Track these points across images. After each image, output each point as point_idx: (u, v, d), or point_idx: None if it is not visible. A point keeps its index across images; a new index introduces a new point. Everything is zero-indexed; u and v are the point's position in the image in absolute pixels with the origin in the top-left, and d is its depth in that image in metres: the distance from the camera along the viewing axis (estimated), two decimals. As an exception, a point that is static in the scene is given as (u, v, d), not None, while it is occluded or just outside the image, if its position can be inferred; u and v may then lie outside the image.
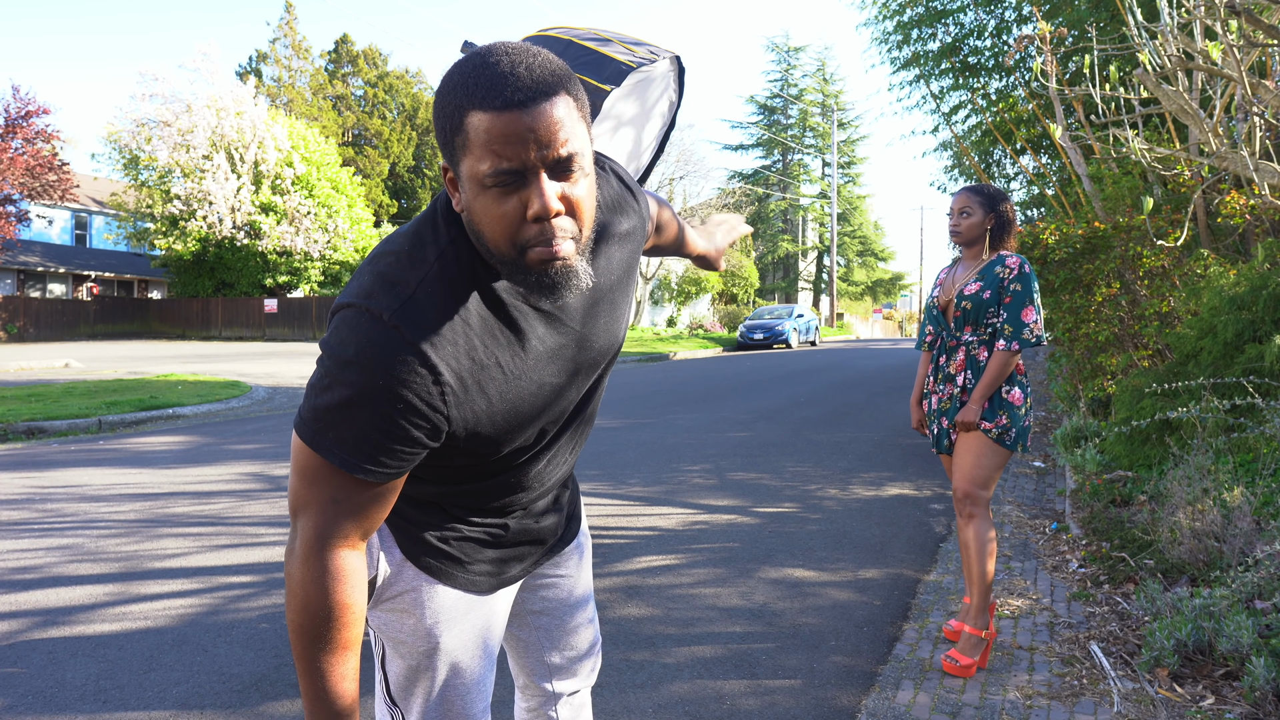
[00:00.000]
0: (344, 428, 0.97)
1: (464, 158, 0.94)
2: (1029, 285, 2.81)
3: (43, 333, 30.06)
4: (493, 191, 0.94)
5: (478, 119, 0.91)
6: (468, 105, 0.92)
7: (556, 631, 1.44)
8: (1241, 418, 4.01)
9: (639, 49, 2.16)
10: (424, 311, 0.97)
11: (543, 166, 0.93)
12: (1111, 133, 5.06)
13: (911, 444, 7.23)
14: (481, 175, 0.93)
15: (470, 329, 1.00)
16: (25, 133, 25.37)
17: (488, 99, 0.91)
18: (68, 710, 2.54)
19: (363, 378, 0.95)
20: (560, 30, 2.26)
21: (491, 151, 0.91)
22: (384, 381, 0.95)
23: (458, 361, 0.99)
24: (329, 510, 1.00)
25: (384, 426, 0.97)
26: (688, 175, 36.22)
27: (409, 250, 1.02)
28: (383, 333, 0.96)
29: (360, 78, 47.99)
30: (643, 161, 2.42)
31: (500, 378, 1.03)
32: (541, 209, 0.93)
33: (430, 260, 1.01)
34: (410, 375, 0.95)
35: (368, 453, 0.98)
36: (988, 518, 2.88)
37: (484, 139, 0.91)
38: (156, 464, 6.38)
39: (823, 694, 2.68)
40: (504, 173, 0.92)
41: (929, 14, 11.57)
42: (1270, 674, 2.35)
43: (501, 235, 0.95)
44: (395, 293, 0.98)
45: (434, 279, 1.00)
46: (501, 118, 0.90)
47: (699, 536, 4.49)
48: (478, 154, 0.92)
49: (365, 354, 0.95)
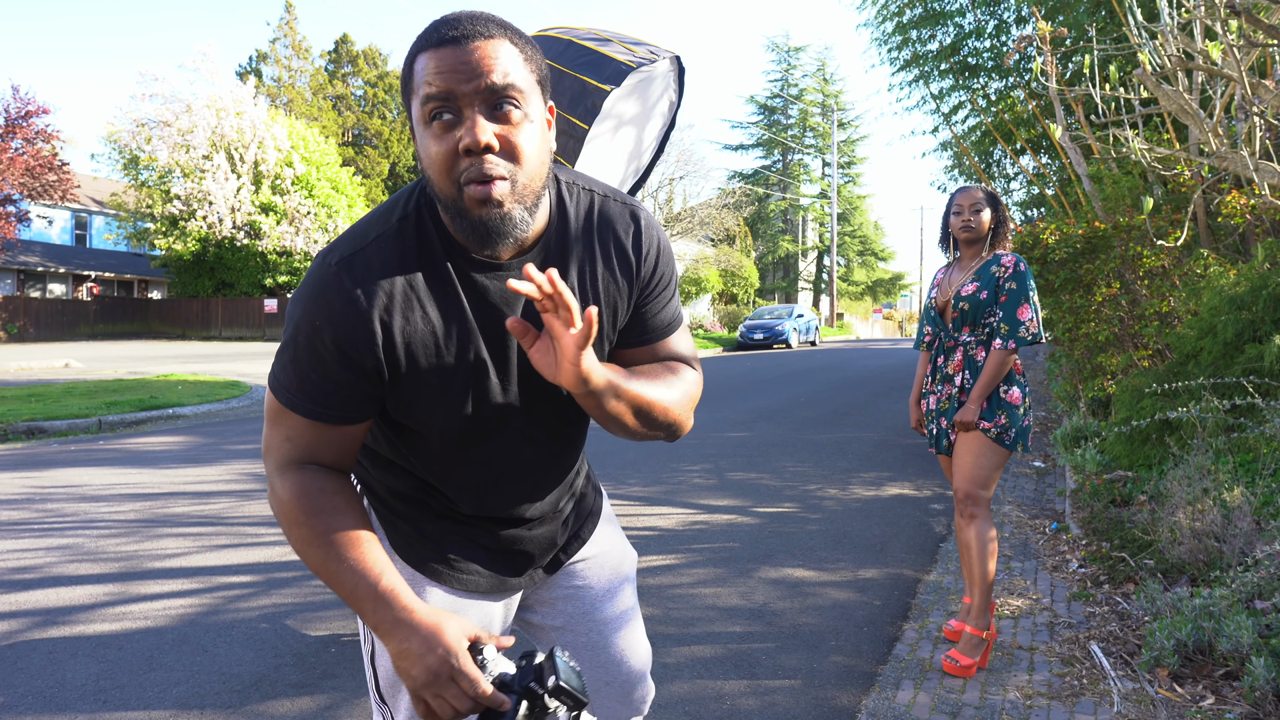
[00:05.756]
0: (291, 369, 1.06)
1: (413, 101, 1.00)
2: (1024, 284, 2.82)
3: (43, 333, 30.05)
4: (433, 128, 0.98)
5: (421, 60, 0.99)
6: (417, 50, 1.00)
7: (581, 650, 1.39)
8: (1241, 418, 4.00)
9: (639, 49, 2.15)
10: (370, 263, 1.04)
11: (477, 100, 0.97)
12: (1111, 133, 5.06)
13: (911, 444, 7.23)
14: (423, 114, 0.98)
15: (410, 289, 1.06)
16: (25, 133, 25.35)
17: (429, 40, 0.98)
18: (68, 710, 2.54)
19: (302, 315, 1.04)
20: (560, 30, 2.25)
21: (426, 83, 0.97)
22: (319, 321, 1.03)
23: (389, 314, 1.04)
24: (284, 448, 1.09)
25: (319, 366, 1.04)
26: (688, 175, 36.26)
27: (382, 212, 1.10)
28: (327, 276, 1.04)
29: (360, 78, 47.99)
30: (643, 161, 2.42)
31: (430, 341, 1.07)
32: (472, 142, 0.96)
33: (392, 222, 1.08)
34: (341, 316, 1.02)
35: (309, 393, 1.06)
36: (989, 518, 2.88)
37: (422, 75, 0.98)
38: (156, 464, 6.38)
39: (823, 694, 2.68)
40: (435, 98, 0.97)
41: (928, 15, 11.57)
42: (1270, 674, 2.35)
43: (441, 173, 0.99)
44: (351, 244, 1.06)
45: (389, 237, 1.06)
46: (438, 53, 0.97)
47: (699, 536, 4.49)
48: (418, 91, 0.99)
49: (307, 293, 1.05)
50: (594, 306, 0.95)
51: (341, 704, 2.58)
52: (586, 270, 1.15)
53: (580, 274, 1.15)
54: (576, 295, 1.14)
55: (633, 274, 1.18)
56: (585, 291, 1.15)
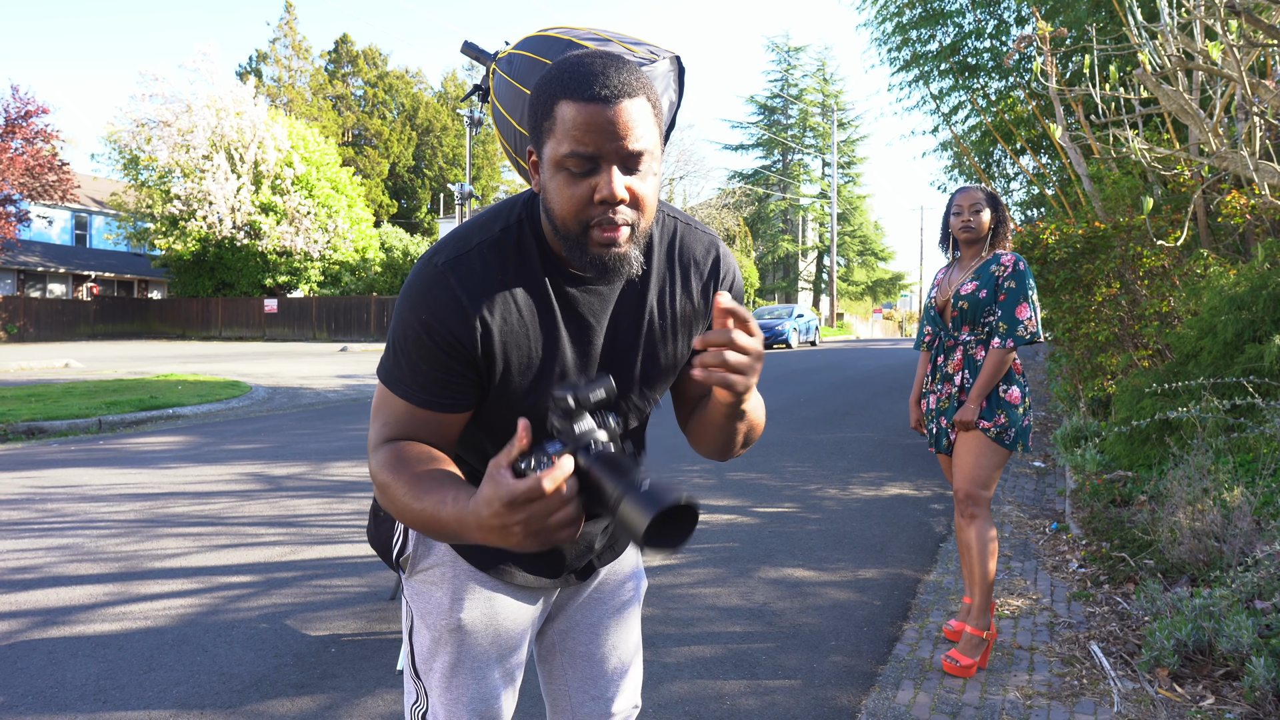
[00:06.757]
0: (403, 361, 1.13)
1: (548, 140, 1.06)
2: (1023, 282, 2.82)
3: (43, 333, 30.05)
4: (567, 173, 1.05)
5: (566, 107, 1.03)
6: (560, 94, 1.04)
7: (576, 659, 1.42)
8: (1241, 418, 4.00)
9: (639, 49, 2.15)
10: (473, 266, 1.13)
11: (615, 158, 1.04)
12: (1111, 133, 5.07)
13: (911, 444, 7.23)
14: (560, 157, 1.04)
15: (508, 293, 1.13)
16: (25, 133, 25.35)
17: (578, 91, 1.03)
18: (68, 710, 2.54)
19: (411, 311, 1.12)
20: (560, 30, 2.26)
21: (572, 137, 1.03)
22: (425, 315, 1.11)
23: (490, 313, 1.12)
24: (382, 431, 1.16)
25: (428, 357, 1.11)
26: (688, 175, 36.31)
27: (485, 220, 1.18)
28: (433, 276, 1.12)
29: (360, 78, 48.01)
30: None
31: (523, 344, 1.15)
32: (609, 194, 1.03)
33: (495, 230, 1.16)
34: (447, 312, 1.10)
35: (421, 383, 1.13)
36: (989, 518, 2.88)
37: (568, 125, 1.03)
38: (156, 464, 6.38)
39: (823, 694, 2.68)
40: (579, 155, 1.03)
41: (928, 15, 11.57)
42: (1270, 674, 2.35)
43: (570, 213, 1.06)
44: (456, 247, 1.14)
45: (492, 244, 1.15)
46: (587, 108, 1.02)
47: (699, 536, 4.49)
48: (559, 137, 1.04)
49: (414, 290, 1.13)
50: None
51: (341, 704, 2.58)
52: (666, 292, 1.23)
53: (660, 295, 1.23)
54: (656, 314, 1.23)
55: (710, 299, 1.26)
56: (664, 312, 1.23)
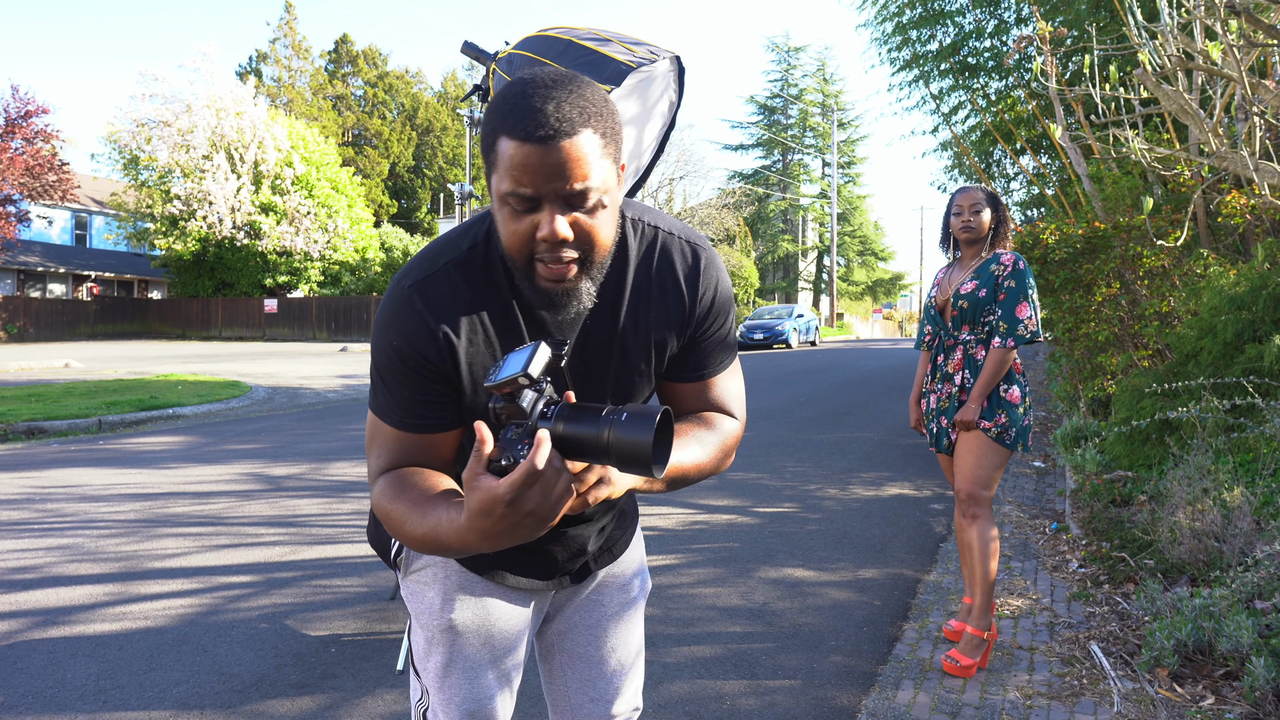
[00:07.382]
0: (383, 388, 1.14)
1: (493, 173, 1.04)
2: (1023, 282, 2.82)
3: (43, 333, 30.04)
4: (510, 209, 1.03)
5: (505, 144, 1.00)
6: (500, 129, 1.01)
7: (575, 661, 1.43)
8: (1241, 418, 4.00)
9: (639, 49, 2.15)
10: (439, 288, 1.12)
11: (556, 199, 1.01)
12: (1111, 133, 5.07)
13: (911, 444, 7.23)
14: (503, 193, 1.03)
15: (475, 315, 1.13)
16: (25, 133, 25.33)
17: (515, 129, 0.99)
18: (68, 710, 2.54)
19: (383, 336, 1.12)
20: (560, 30, 2.26)
21: (511, 176, 1.00)
22: (396, 341, 1.11)
23: (455, 334, 1.11)
24: (378, 463, 1.17)
25: (405, 380, 1.12)
26: (688, 175, 36.32)
27: (454, 237, 1.17)
28: (400, 299, 1.12)
29: (360, 78, 48.00)
30: (643, 161, 2.42)
31: (490, 364, 1.13)
32: (549, 234, 1.01)
33: (462, 249, 1.15)
34: (414, 335, 1.10)
35: (403, 406, 1.13)
36: (990, 518, 2.88)
37: (507, 163, 1.01)
38: (156, 464, 6.38)
39: (823, 694, 2.68)
40: (518, 196, 1.01)
41: (928, 15, 11.56)
42: (1270, 674, 2.35)
43: (515, 247, 1.05)
44: (423, 268, 1.14)
45: (458, 264, 1.14)
46: (523, 149, 0.99)
47: (699, 536, 4.49)
48: (501, 174, 1.02)
49: (385, 316, 1.13)
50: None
51: (341, 704, 2.58)
52: (640, 304, 1.19)
53: (634, 307, 1.19)
54: (630, 329, 1.19)
55: (685, 311, 1.21)
56: (639, 325, 1.19)
